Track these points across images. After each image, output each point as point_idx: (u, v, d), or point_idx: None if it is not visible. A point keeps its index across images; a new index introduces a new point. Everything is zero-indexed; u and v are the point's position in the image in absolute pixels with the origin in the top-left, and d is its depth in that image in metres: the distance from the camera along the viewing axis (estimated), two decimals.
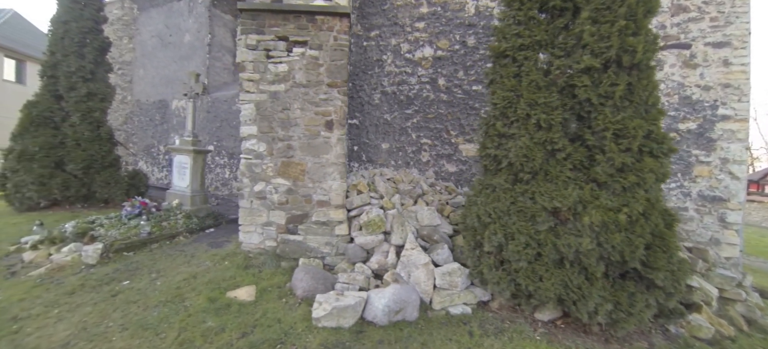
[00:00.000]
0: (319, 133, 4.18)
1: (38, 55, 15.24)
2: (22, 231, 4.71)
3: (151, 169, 9.51)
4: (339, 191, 4.15)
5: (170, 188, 5.73)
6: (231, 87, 8.19)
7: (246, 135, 4.19)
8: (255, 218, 4.18)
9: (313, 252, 4.08)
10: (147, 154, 9.60)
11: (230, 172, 7.95)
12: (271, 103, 4.17)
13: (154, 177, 9.52)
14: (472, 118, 6.19)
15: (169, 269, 3.67)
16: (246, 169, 4.19)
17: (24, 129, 5.78)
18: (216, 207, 6.50)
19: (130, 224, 4.53)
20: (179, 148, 5.54)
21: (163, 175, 9.25)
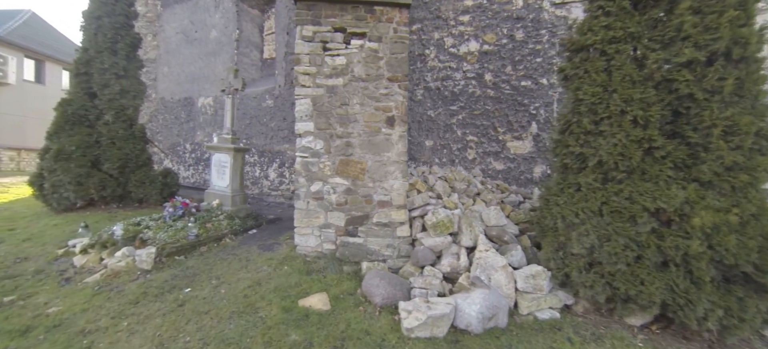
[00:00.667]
0: (380, 129, 3.93)
1: (57, 55, 15.14)
2: (64, 233, 4.50)
3: (177, 168, 9.31)
4: (401, 191, 3.92)
5: (208, 188, 5.50)
6: (259, 83, 7.94)
7: (302, 132, 3.94)
8: (312, 219, 3.94)
9: (375, 255, 3.86)
10: (172, 153, 9.39)
11: (260, 171, 7.72)
12: (328, 98, 3.92)
13: (180, 176, 9.31)
14: (521, 114, 5.91)
15: (228, 274, 3.43)
16: (302, 168, 3.94)
17: (59, 128, 5.57)
18: (252, 207, 6.27)
19: (176, 225, 4.31)
20: (218, 146, 5.30)
21: (190, 173, 9.05)
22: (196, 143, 8.90)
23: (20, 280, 3.27)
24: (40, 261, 3.68)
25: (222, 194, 5.30)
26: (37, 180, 5.47)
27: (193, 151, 8.97)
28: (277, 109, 7.32)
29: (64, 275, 3.36)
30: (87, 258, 3.58)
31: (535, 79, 5.81)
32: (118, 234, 3.83)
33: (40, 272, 3.43)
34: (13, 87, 13.15)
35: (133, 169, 6.05)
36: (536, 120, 5.89)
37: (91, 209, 5.76)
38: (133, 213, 5.64)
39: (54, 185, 5.29)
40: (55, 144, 5.46)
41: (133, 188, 6.00)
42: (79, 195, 5.46)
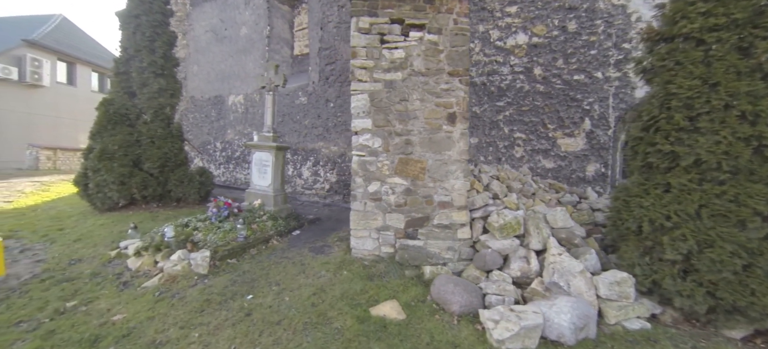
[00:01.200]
0: (441, 127, 3.69)
1: (86, 57, 15.40)
2: (112, 233, 4.42)
3: (208, 166, 9.27)
4: (462, 191, 3.70)
5: (249, 187, 5.35)
6: (291, 80, 7.76)
7: (359, 129, 3.72)
8: (369, 221, 3.73)
9: (435, 258, 3.66)
10: (203, 151, 9.35)
11: (294, 169, 7.57)
12: (386, 93, 3.68)
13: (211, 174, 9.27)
14: (573, 110, 5.54)
15: (287, 280, 3.24)
16: (359, 168, 3.72)
17: (102, 127, 5.51)
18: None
19: (224, 227, 4.15)
20: (259, 144, 5.14)
21: (220, 172, 8.99)
22: (226, 142, 8.82)
23: (78, 283, 3.16)
24: (94, 263, 3.58)
25: (263, 193, 5.14)
26: (81, 180, 5.44)
27: (224, 149, 8.90)
28: (311, 106, 7.14)
29: (120, 279, 3.23)
30: (141, 261, 3.46)
31: (589, 72, 5.43)
32: (169, 236, 3.69)
33: (97, 275, 3.31)
34: (48, 89, 13.43)
35: (172, 168, 5.97)
36: (590, 116, 5.52)
37: (133, 208, 5.70)
38: (174, 213, 5.56)
39: (98, 185, 5.23)
40: (99, 144, 5.40)
41: (173, 188, 5.92)
42: (122, 195, 5.39)
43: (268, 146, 5.09)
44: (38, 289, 3.04)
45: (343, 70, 6.68)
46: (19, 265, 3.52)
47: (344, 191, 6.81)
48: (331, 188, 7.00)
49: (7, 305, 2.77)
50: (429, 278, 3.37)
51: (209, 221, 4.38)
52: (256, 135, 5.34)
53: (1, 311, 2.68)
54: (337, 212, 6.39)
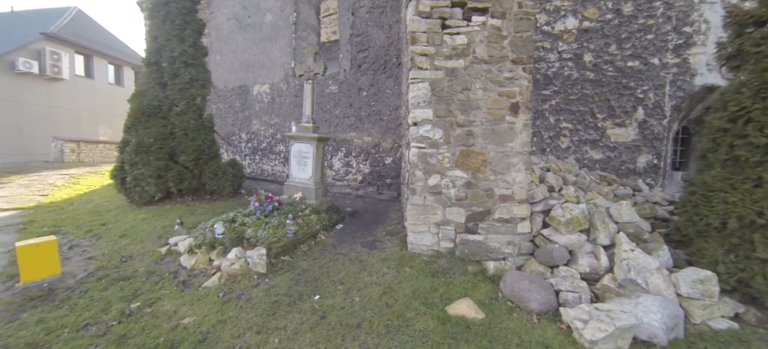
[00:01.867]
0: (504, 117, 3.44)
1: (102, 50, 15.23)
2: (156, 228, 4.28)
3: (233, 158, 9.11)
4: (523, 184, 3.52)
5: (288, 179, 5.16)
6: None
7: (419, 120, 3.48)
8: (428, 216, 3.53)
9: (495, 253, 3.51)
10: (225, 142, 9.18)
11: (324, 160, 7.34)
12: (448, 82, 3.43)
13: None
14: (625, 99, 5.20)
15: (350, 278, 3.07)
16: (418, 160, 3.49)
17: (136, 120, 5.33)
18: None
19: (271, 222, 3.98)
20: (299, 135, 4.91)
21: (246, 163, 8.83)
22: (251, 132, 8.63)
23: (136, 282, 3.01)
24: (146, 260, 3.44)
25: (304, 186, 4.94)
26: (118, 173, 5.30)
27: (249, 140, 8.71)
28: (342, 95, 6.87)
29: (177, 278, 3.08)
30: (195, 259, 3.30)
31: (645, 58, 5.07)
32: (219, 233, 3.53)
33: (152, 274, 3.17)
34: (67, 82, 13.33)
35: (206, 161, 5.80)
36: (644, 105, 5.17)
37: (168, 201, 5.57)
38: (210, 206, 5.42)
39: (136, 179, 5.09)
40: (134, 137, 5.23)
41: (207, 181, 5.76)
42: (159, 188, 5.25)
43: (308, 137, 4.86)
44: (97, 288, 2.91)
45: (377, 58, 6.38)
46: (71, 262, 3.39)
47: (378, 183, 6.60)
48: (364, 180, 6.79)
49: (70, 306, 2.64)
50: (493, 273, 3.27)
51: (253, 215, 4.21)
52: (295, 126, 5.12)
53: (64, 313, 2.55)
54: (373, 204, 6.19)
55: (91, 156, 12.45)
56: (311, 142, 4.86)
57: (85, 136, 13.42)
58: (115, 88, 15.94)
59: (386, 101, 6.39)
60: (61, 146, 11.59)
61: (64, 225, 4.52)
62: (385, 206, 6.01)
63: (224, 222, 3.84)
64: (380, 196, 6.58)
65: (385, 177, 6.56)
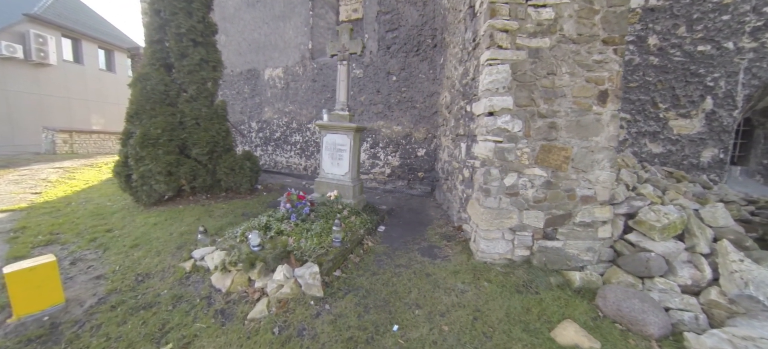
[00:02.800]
0: (591, 107, 2.88)
1: (91, 33, 13.98)
2: (172, 236, 3.59)
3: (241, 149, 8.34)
4: (607, 184, 2.99)
5: (320, 176, 4.49)
6: None
7: (497, 109, 2.84)
8: (503, 220, 2.95)
9: (574, 261, 3.05)
10: (235, 132, 8.37)
11: None
12: (531, 64, 2.82)
13: None
14: (692, 87, 4.60)
15: (424, 299, 2.49)
16: (495, 157, 2.86)
17: (139, 108, 4.55)
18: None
19: (313, 228, 3.34)
20: (333, 125, 4.21)
21: (258, 155, 8.08)
22: (263, 121, 7.85)
23: (160, 312, 2.36)
24: (167, 280, 2.78)
25: (339, 183, 4.28)
26: (122, 170, 4.54)
27: (261, 130, 7.93)
28: (368, 80, 6.12)
29: (212, 305, 2.44)
30: (230, 279, 2.65)
31: (718, 42, 4.45)
32: (254, 244, 2.87)
33: (179, 299, 2.52)
34: (55, 68, 12.19)
35: (220, 154, 5.07)
36: (713, 94, 4.58)
37: (180, 201, 4.85)
38: (227, 205, 4.73)
39: (143, 176, 4.35)
40: (138, 127, 4.46)
41: (223, 176, 5.05)
42: (169, 186, 4.53)
43: (344, 127, 4.17)
44: (112, 322, 2.25)
45: (409, 38, 5.62)
46: (76, 284, 2.71)
47: (409, 176, 5.95)
48: (393, 173, 6.13)
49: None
50: (580, 285, 2.79)
51: (286, 220, 3.55)
52: (327, 114, 4.41)
53: None
54: (405, 200, 5.56)
55: (84, 147, 11.49)
56: (348, 133, 4.17)
57: (78, 126, 12.40)
58: (107, 75, 14.77)
59: (419, 87, 5.67)
60: (52, 137, 10.61)
61: (62, 232, 3.79)
62: (420, 203, 5.39)
63: (258, 230, 3.17)
64: (411, 191, 5.95)
65: (416, 170, 5.91)
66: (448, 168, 4.66)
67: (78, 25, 13.40)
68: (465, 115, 3.71)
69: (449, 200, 4.53)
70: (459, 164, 4.00)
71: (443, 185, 4.98)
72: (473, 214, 3.30)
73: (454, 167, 4.31)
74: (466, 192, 3.62)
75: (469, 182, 3.51)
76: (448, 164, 4.72)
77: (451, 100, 4.54)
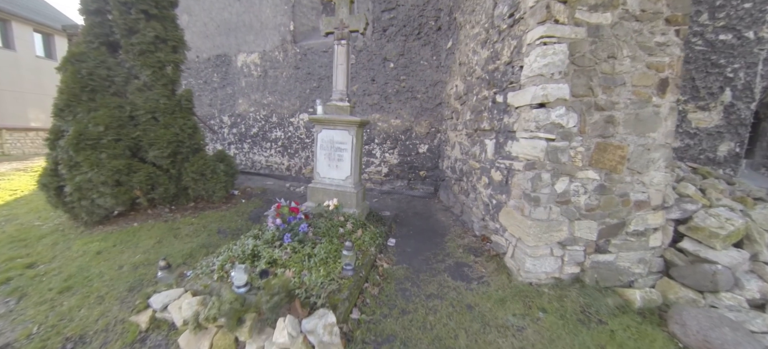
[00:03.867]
0: (650, 98, 2.43)
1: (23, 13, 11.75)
2: (121, 272, 2.66)
3: (211, 147, 7.21)
4: (661, 186, 2.57)
5: (314, 181, 3.67)
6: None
7: (551, 100, 2.26)
8: (553, 233, 2.41)
9: (625, 275, 2.61)
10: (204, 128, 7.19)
11: None
12: (590, 45, 2.23)
13: None
14: (712, 78, 4.30)
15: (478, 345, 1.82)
16: (545, 158, 2.28)
17: (73, 97, 3.44)
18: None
19: (316, 254, 2.56)
20: (330, 119, 3.41)
21: (232, 154, 6.99)
22: (237, 115, 6.77)
23: None
24: (113, 346, 1.89)
25: (339, 189, 3.50)
26: (50, 180, 3.43)
27: (234, 125, 6.85)
28: (361, 67, 5.30)
29: None
30: (207, 341, 1.83)
31: (739, 31, 4.15)
32: (239, 285, 2.06)
33: None
34: None
35: (187, 155, 4.07)
36: (732, 85, 4.31)
37: (135, 216, 3.83)
38: (198, 220, 3.79)
39: (81, 189, 3.29)
40: (72, 123, 3.37)
41: (190, 183, 4.06)
42: (119, 200, 3.50)
43: (344, 121, 3.37)
44: None
45: (408, 20, 4.87)
46: None
47: (409, 176, 5.26)
48: (391, 172, 5.42)
49: None
50: (641, 306, 2.38)
51: (279, 241, 2.74)
52: (321, 105, 3.57)
53: None
54: (408, 202, 4.89)
55: (19, 147, 9.62)
56: (349, 128, 3.39)
57: (10, 123, 10.40)
58: (46, 63, 12.58)
59: (420, 75, 4.96)
60: None
61: None
62: (424, 206, 4.74)
63: (244, 261, 2.35)
64: (412, 191, 5.28)
65: (417, 169, 5.24)
66: (462, 167, 4.03)
67: (6, 3, 11.15)
68: (493, 107, 3.07)
69: (464, 203, 3.91)
70: (481, 164, 3.37)
71: (453, 185, 4.35)
72: (512, 226, 2.69)
73: (471, 167, 3.68)
74: (496, 198, 3.00)
75: (501, 187, 2.88)
76: (461, 163, 4.08)
77: (465, 90, 3.88)
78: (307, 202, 3.67)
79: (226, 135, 6.92)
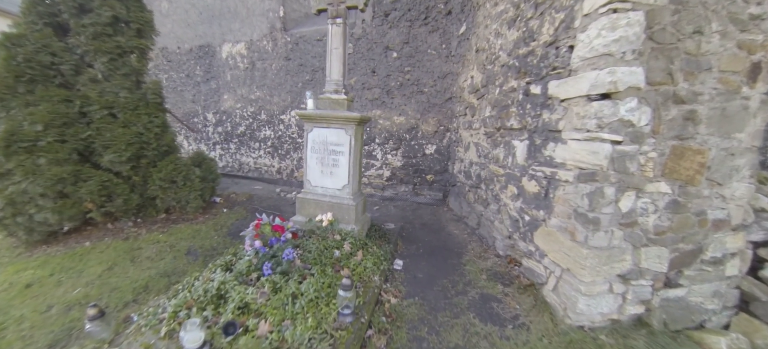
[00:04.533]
0: (739, 87, 1.79)
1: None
2: (46, 315, 2.03)
3: (195, 147, 6.53)
4: (742, 201, 2.03)
5: (303, 190, 3.04)
6: (314, 21, 5.12)
7: (620, 89, 1.67)
8: (613, 264, 1.80)
9: (696, 312, 2.06)
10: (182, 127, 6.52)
11: None
12: (672, 15, 1.58)
13: None
14: None
15: None
16: (609, 167, 1.67)
17: (5, 88, 2.77)
18: None
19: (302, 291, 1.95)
20: (323, 115, 2.78)
21: (217, 155, 6.33)
22: (222, 112, 6.10)
23: None
24: None
25: (334, 200, 2.88)
26: None
27: (220, 123, 6.18)
28: (360, 56, 4.67)
29: None
30: None
31: None
32: (192, 345, 1.44)
33: None
34: None
35: (153, 159, 3.42)
36: None
37: (91, 232, 3.18)
38: (164, 237, 3.16)
39: (13, 201, 2.63)
40: (3, 121, 2.70)
41: (159, 192, 3.41)
42: (65, 215, 2.84)
43: (340, 118, 2.75)
44: None
45: (413, 3, 4.23)
46: None
47: (415, 180, 4.65)
48: (394, 176, 4.80)
49: None
50: None
51: (258, 272, 2.12)
52: (312, 98, 2.94)
53: None
54: (413, 210, 4.28)
55: None
56: (346, 126, 2.76)
57: None
58: None
59: (428, 66, 4.34)
60: None
61: None
62: (433, 215, 4.13)
63: (203, 307, 1.72)
64: (418, 198, 4.67)
65: (424, 172, 4.63)
66: (480, 173, 3.42)
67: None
68: (525, 100, 2.46)
69: (482, 215, 3.31)
70: (507, 171, 2.77)
71: (468, 193, 3.75)
72: (555, 251, 2.09)
73: (493, 174, 3.07)
74: (529, 214, 2.40)
75: (538, 201, 2.28)
76: (478, 167, 3.48)
77: (485, 81, 3.26)
78: (295, 216, 3.05)
79: (210, 134, 6.26)
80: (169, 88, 6.50)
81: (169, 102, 6.62)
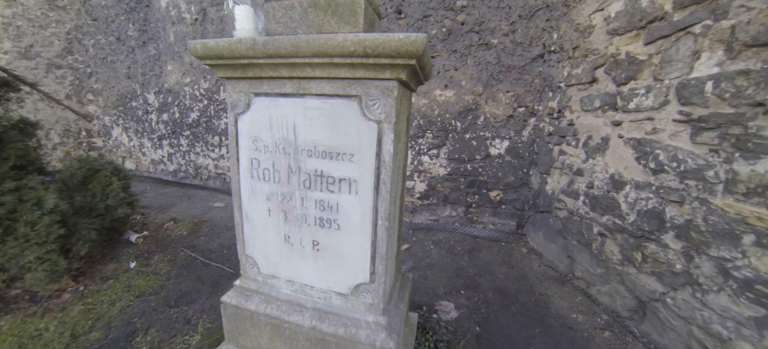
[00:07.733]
0: None
1: None
2: None
3: (137, 143, 4.51)
4: None
5: (240, 284, 1.03)
6: None
7: None
8: None
9: None
10: (124, 113, 4.47)
11: None
12: None
13: (145, 159, 4.54)
14: None
15: None
16: None
17: None
18: None
19: None
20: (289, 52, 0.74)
21: (162, 154, 4.32)
22: (167, 91, 4.04)
23: None
24: None
25: (330, 328, 0.87)
26: None
27: (164, 107, 4.13)
28: None
29: None
30: None
31: None
32: None
33: None
34: None
35: None
36: None
37: None
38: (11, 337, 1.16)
39: None
40: None
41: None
42: None
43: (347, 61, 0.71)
44: None
45: None
46: None
47: (470, 198, 2.66)
48: (432, 190, 2.80)
49: None
50: None
51: None
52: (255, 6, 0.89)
53: None
54: (469, 253, 2.31)
55: None
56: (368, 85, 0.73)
57: None
58: None
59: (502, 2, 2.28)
60: None
61: None
62: (505, 262, 2.18)
63: None
64: (473, 228, 2.70)
65: (486, 186, 2.64)
66: (645, 207, 1.42)
67: None
68: None
69: (638, 286, 1.32)
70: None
71: (596, 239, 1.76)
72: None
73: (724, 217, 1.07)
74: None
75: None
76: (638, 192, 1.47)
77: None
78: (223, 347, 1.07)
79: (154, 125, 4.23)
80: (97, 58, 4.41)
81: (100, 80, 4.55)
